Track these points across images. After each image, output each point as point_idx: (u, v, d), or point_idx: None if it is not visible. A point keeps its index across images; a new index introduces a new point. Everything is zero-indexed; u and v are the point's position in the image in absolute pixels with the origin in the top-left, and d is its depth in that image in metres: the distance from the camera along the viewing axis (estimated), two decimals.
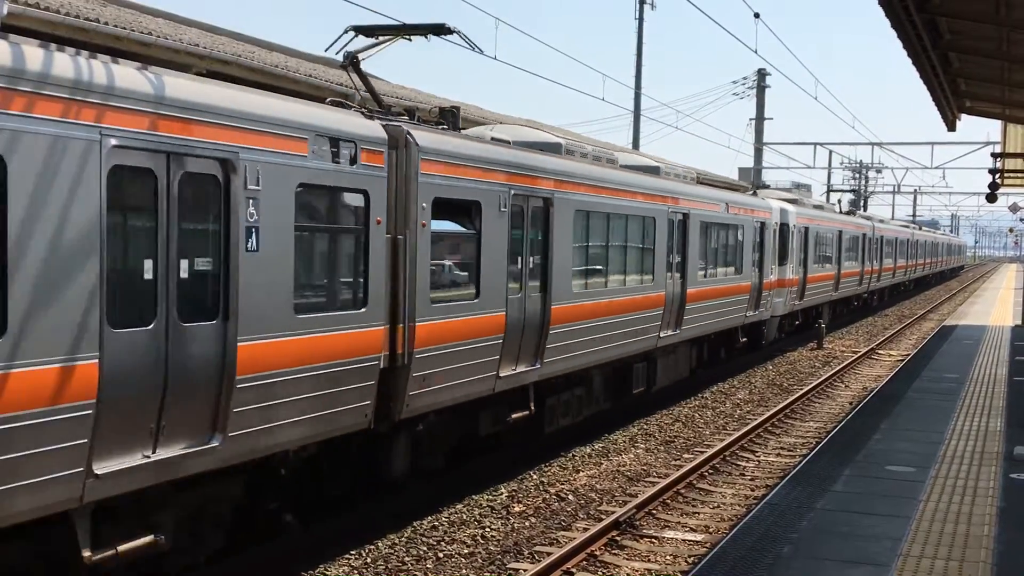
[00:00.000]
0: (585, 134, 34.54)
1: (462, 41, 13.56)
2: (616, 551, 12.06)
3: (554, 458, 16.29)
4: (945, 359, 25.82)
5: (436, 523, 12.71)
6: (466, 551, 11.79)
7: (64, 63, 7.67)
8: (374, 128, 11.28)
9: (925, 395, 19.77)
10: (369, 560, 11.38)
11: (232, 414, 9.18)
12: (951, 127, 31.94)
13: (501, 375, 13.97)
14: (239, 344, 9.21)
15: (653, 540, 12.53)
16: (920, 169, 70.10)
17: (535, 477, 15.14)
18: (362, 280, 11.06)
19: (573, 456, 16.56)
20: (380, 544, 11.87)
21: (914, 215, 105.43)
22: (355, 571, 11.06)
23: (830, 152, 66.84)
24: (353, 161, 10.79)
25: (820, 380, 25.20)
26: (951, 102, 27.46)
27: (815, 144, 56.18)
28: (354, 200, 10.99)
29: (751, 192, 31.73)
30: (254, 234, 9.45)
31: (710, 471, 16.04)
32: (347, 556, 11.47)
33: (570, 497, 14.21)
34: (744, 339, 26.78)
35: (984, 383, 21.49)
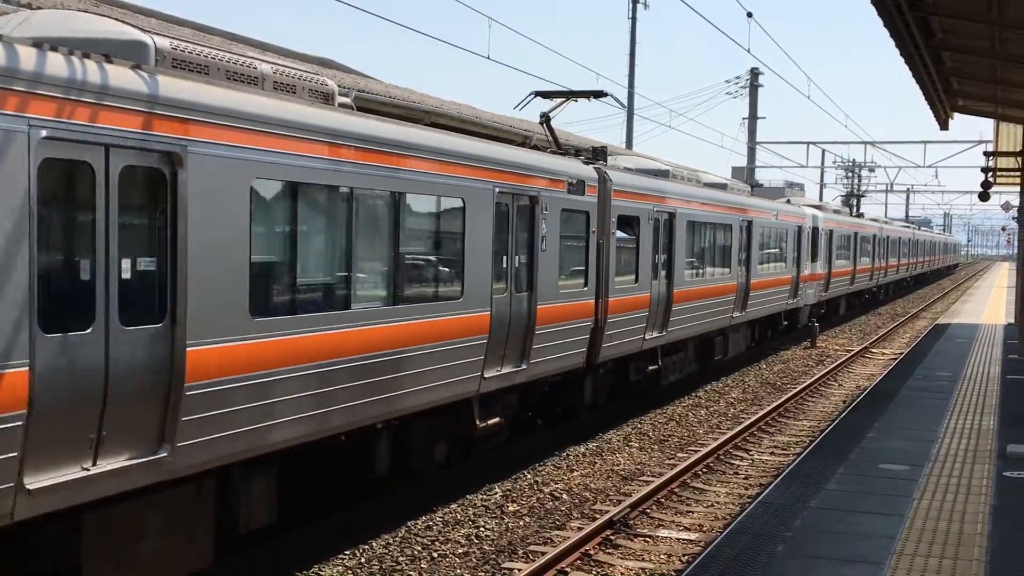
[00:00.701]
0: (578, 133, 34.63)
1: (614, 102, 22.99)
2: (610, 550, 12.07)
3: (548, 457, 16.29)
4: (938, 357, 25.88)
5: (430, 523, 12.70)
6: (460, 550, 11.79)
7: (499, 152, 14.14)
8: (591, 171, 17.20)
9: (918, 393, 19.81)
10: (363, 560, 11.37)
11: (533, 349, 15.01)
12: (944, 126, 31.97)
13: (646, 338, 19.53)
14: (537, 307, 15.06)
15: (647, 539, 12.54)
16: (913, 168, 70.19)
17: (529, 476, 15.14)
18: (585, 269, 16.85)
19: (567, 455, 16.56)
20: (374, 544, 11.86)
21: (907, 214, 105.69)
22: (349, 571, 11.05)
23: (823, 151, 66.92)
24: (583, 193, 16.61)
25: (813, 379, 25.23)
26: (943, 101, 27.49)
27: (808, 143, 56.27)
28: (582, 218, 16.72)
29: (784, 200, 36.69)
30: (544, 240, 15.23)
31: (704, 470, 16.05)
32: (341, 556, 11.46)
33: (564, 496, 14.22)
34: (785, 322, 32.53)
35: (977, 381, 21.54)
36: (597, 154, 19.09)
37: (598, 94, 19.22)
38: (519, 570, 10.98)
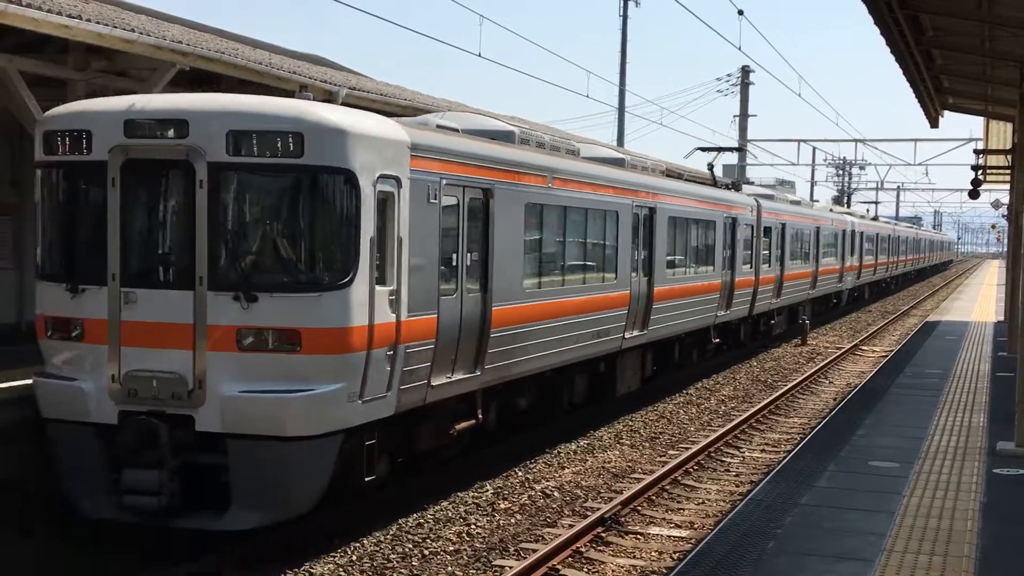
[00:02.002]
0: (571, 131, 34.77)
1: (751, 154, 48.04)
2: (602, 548, 12.07)
3: (539, 455, 16.29)
4: (928, 355, 25.93)
5: (422, 520, 12.69)
6: (451, 548, 11.78)
7: (727, 195, 27.08)
8: (753, 200, 28.75)
9: (908, 391, 19.85)
10: (354, 558, 11.36)
11: (732, 302, 26.19)
12: (934, 124, 32.02)
13: (772, 302, 30.99)
14: (736, 279, 26.14)
15: (638, 536, 12.54)
16: (903, 166, 70.35)
17: (520, 474, 15.14)
18: (750, 258, 28.04)
19: (558, 453, 16.56)
20: (365, 542, 11.85)
21: (897, 212, 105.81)
22: (340, 568, 11.04)
23: (814, 149, 67.01)
24: (751, 213, 27.91)
25: (804, 376, 25.27)
26: (934, 99, 27.52)
27: (799, 141, 56.41)
28: (749, 229, 27.87)
29: (816, 203, 49.27)
30: (737, 242, 26.36)
31: (695, 467, 16.06)
32: (332, 554, 11.44)
33: (555, 494, 14.22)
34: (835, 300, 44.36)
35: (967, 378, 21.59)
36: (735, 184, 30.34)
37: (739, 149, 38.79)
38: (510, 568, 10.97)
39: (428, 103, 21.94)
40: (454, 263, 13.09)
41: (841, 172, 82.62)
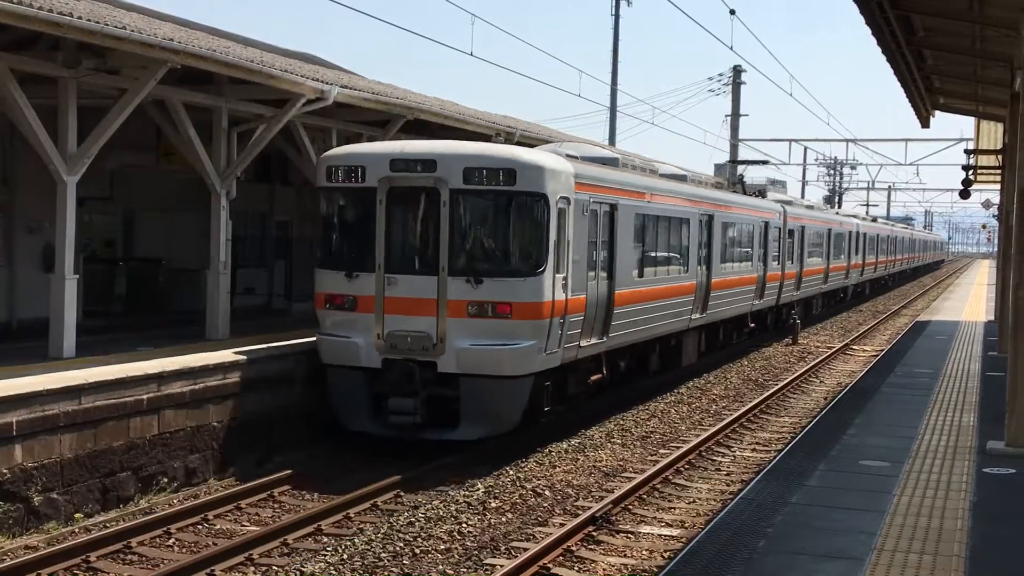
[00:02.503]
0: (563, 130, 34.96)
1: (772, 163, 52.13)
2: (592, 546, 12.09)
3: (531, 454, 16.30)
4: (919, 354, 25.96)
5: (413, 519, 12.69)
6: (443, 547, 11.78)
7: (763, 202, 32.65)
8: (780, 207, 33.54)
9: (899, 390, 19.87)
10: (345, 556, 11.36)
11: (764, 293, 31.47)
12: (925, 124, 32.06)
13: (794, 293, 35.54)
14: (767, 273, 31.34)
15: (629, 535, 12.55)
16: (894, 165, 70.64)
17: (511, 473, 15.14)
18: (778, 255, 32.92)
19: (549, 452, 16.56)
20: (356, 540, 11.84)
21: (888, 212, 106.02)
22: (331, 567, 11.04)
23: (805, 148, 67.18)
24: (779, 217, 32.87)
25: (795, 376, 25.30)
26: (925, 99, 27.57)
27: (790, 140, 56.53)
28: (776, 231, 32.50)
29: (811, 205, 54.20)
30: (770, 243, 31.69)
31: (686, 466, 16.08)
32: (323, 552, 11.45)
33: (547, 493, 14.22)
34: (842, 295, 50.21)
35: (957, 378, 21.61)
36: (761, 192, 34.75)
37: (764, 162, 45.17)
38: (501, 566, 10.98)
39: (420, 101, 21.96)
40: (594, 258, 17.84)
41: (832, 172, 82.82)
